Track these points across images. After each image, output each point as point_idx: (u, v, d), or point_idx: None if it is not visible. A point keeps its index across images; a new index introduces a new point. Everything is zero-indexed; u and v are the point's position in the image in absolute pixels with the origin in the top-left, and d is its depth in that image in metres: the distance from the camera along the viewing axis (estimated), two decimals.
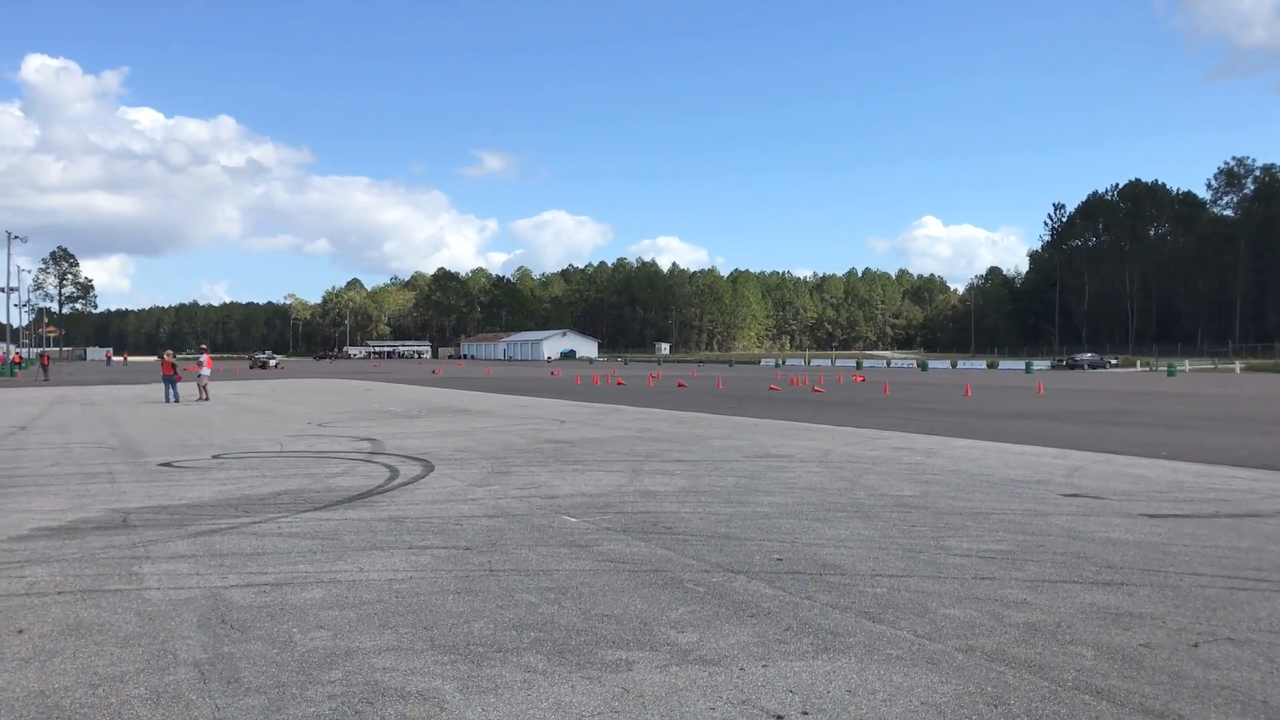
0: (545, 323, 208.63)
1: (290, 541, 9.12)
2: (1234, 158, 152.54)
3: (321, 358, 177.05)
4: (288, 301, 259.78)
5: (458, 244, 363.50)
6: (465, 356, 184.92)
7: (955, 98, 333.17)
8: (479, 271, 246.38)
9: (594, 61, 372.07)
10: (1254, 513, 10.61)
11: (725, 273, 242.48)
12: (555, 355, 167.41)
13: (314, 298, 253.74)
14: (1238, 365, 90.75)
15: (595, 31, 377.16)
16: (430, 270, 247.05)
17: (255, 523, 10.13)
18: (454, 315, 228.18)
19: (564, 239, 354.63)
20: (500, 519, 10.23)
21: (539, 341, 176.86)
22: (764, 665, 5.51)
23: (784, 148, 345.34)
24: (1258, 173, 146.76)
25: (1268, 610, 6.59)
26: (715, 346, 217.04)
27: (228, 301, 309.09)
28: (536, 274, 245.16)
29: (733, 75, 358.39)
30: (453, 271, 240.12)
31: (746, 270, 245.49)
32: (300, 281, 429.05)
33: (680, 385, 49.06)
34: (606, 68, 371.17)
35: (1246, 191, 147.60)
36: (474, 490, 12.36)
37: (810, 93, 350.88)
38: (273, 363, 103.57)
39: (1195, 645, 5.81)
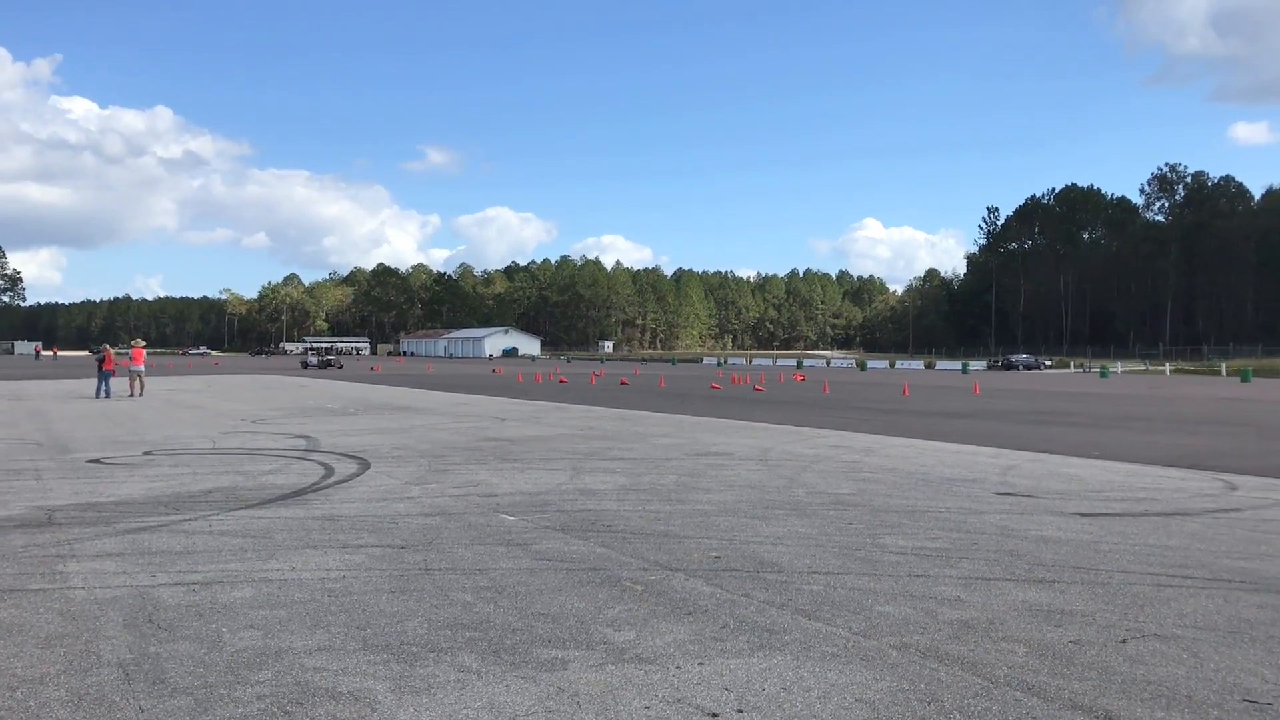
0: (487, 320, 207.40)
1: (221, 540, 8.95)
2: (1166, 164, 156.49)
3: (257, 354, 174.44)
4: (224, 296, 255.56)
5: (399, 239, 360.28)
6: (405, 353, 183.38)
7: (897, 103, 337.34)
8: (420, 267, 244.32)
9: (540, 58, 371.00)
10: (1181, 511, 10.83)
11: (669, 272, 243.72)
12: (497, 353, 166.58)
13: (251, 293, 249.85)
14: (1168, 367, 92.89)
15: (541, 27, 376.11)
16: (371, 266, 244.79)
17: (185, 520, 9.92)
18: (394, 312, 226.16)
19: (508, 236, 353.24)
20: (437, 517, 10.12)
21: (481, 339, 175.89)
22: (700, 663, 5.50)
23: (728, 148, 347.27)
24: (1189, 179, 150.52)
25: (1193, 607, 6.71)
26: (658, 345, 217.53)
27: (162, 296, 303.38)
28: (479, 271, 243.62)
29: (677, 75, 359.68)
30: (393, 267, 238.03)
31: (690, 269, 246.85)
32: (237, 276, 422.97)
33: (623, 383, 49.07)
34: (552, 64, 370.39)
35: (1178, 198, 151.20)
36: (411, 488, 12.22)
37: (754, 94, 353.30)
38: (332, 360, 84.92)
39: (1123, 641, 5.90)
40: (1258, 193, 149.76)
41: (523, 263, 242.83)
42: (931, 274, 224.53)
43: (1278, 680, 5.22)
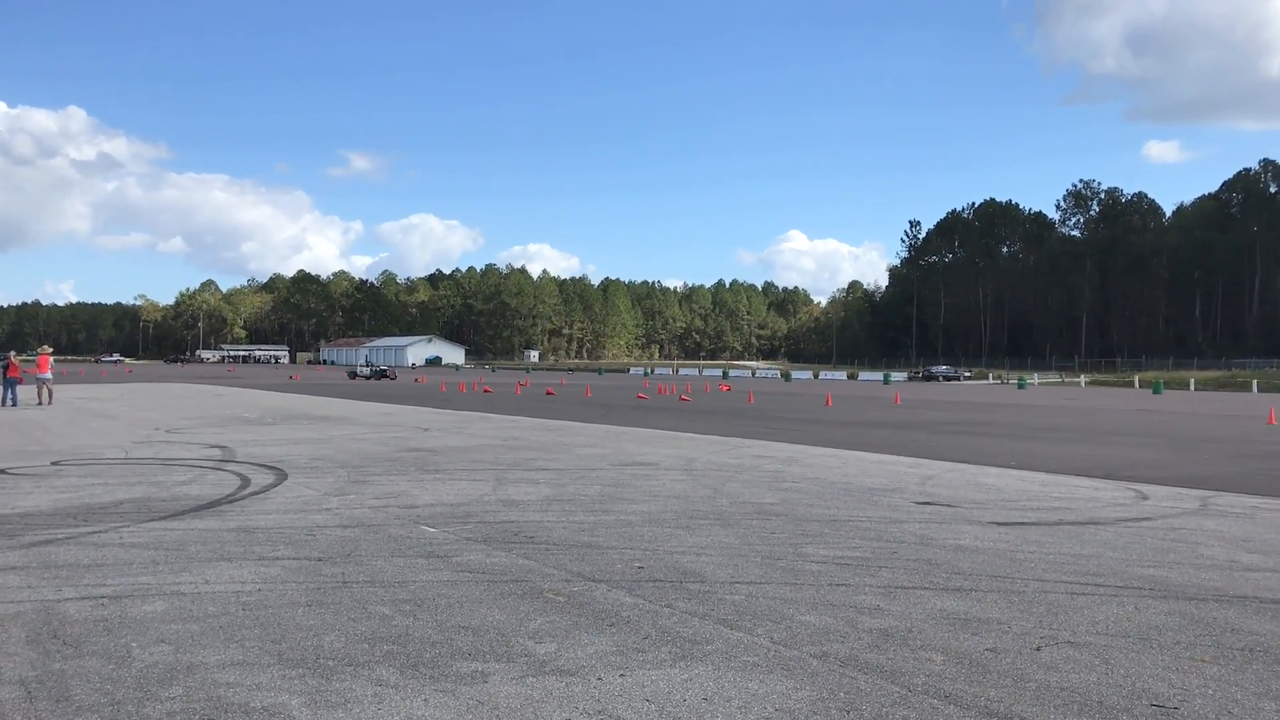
0: (410, 328, 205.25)
1: (132, 552, 8.70)
2: (1081, 180, 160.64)
3: (172, 361, 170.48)
4: (138, 302, 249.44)
5: (321, 246, 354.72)
6: (325, 362, 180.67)
7: (822, 117, 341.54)
8: (341, 274, 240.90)
9: (468, 66, 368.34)
10: (1095, 520, 11.08)
11: (596, 281, 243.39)
12: (420, 362, 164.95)
13: (166, 299, 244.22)
14: (1083, 379, 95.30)
15: (469, 37, 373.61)
16: (291, 273, 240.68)
17: (94, 533, 9.63)
18: (314, 319, 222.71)
19: (433, 243, 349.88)
20: (356, 529, 9.96)
21: (403, 347, 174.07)
22: (622, 675, 5.47)
23: (657, 159, 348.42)
24: (1103, 195, 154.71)
25: (1105, 614, 6.86)
26: (585, 355, 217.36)
27: (74, 301, 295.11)
28: (403, 278, 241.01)
29: (607, 91, 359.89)
30: (314, 274, 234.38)
31: (617, 279, 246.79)
32: (153, 282, 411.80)
33: (549, 393, 48.91)
34: (480, 73, 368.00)
35: (1093, 213, 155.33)
36: (329, 500, 12.02)
37: (683, 110, 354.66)
38: (386, 371, 76.06)
39: (1038, 649, 6.00)
40: (1169, 209, 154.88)
41: (447, 270, 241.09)
42: (855, 286, 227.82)
43: (1184, 685, 5.34)
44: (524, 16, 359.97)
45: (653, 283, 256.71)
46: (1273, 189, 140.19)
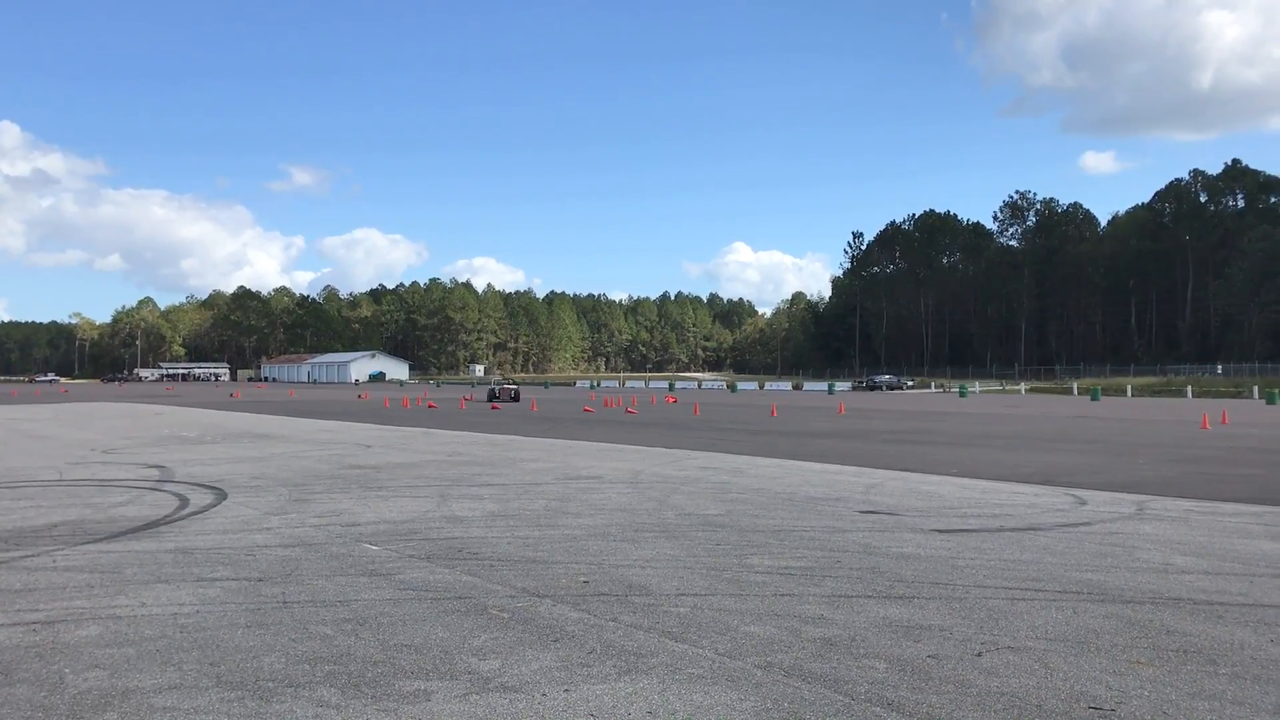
0: (353, 344, 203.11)
1: (66, 576, 8.50)
2: (1018, 191, 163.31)
3: (109, 380, 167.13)
4: (74, 321, 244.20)
5: (262, 262, 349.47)
6: (266, 379, 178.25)
7: (766, 130, 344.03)
8: (282, 290, 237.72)
9: (411, 79, 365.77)
10: (1034, 526, 11.24)
11: (541, 294, 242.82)
12: (364, 378, 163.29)
13: (103, 317, 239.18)
14: (1023, 386, 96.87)
15: (410, 50, 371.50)
16: (231, 289, 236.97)
17: (27, 556, 9.40)
18: (255, 336, 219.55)
19: (376, 258, 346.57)
20: (297, 548, 9.82)
21: (346, 363, 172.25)
22: (566, 690, 5.44)
23: (602, 173, 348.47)
24: (1039, 206, 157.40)
25: (1044, 619, 6.95)
26: (531, 368, 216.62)
27: (7, 320, 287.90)
28: (345, 293, 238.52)
29: (550, 106, 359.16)
30: (254, 290, 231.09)
31: (563, 292, 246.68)
32: (90, 300, 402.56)
33: (494, 408, 48.65)
34: (424, 85, 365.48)
35: (1029, 223, 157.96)
36: (270, 519, 11.84)
37: (626, 125, 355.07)
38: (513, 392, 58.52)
39: (979, 654, 6.06)
40: (1104, 219, 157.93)
41: (391, 285, 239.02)
42: (798, 297, 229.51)
43: (1121, 687, 5.43)
44: (467, 30, 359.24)
45: (598, 295, 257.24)
46: (1203, 199, 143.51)
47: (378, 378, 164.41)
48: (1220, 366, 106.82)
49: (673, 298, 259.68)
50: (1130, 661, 5.92)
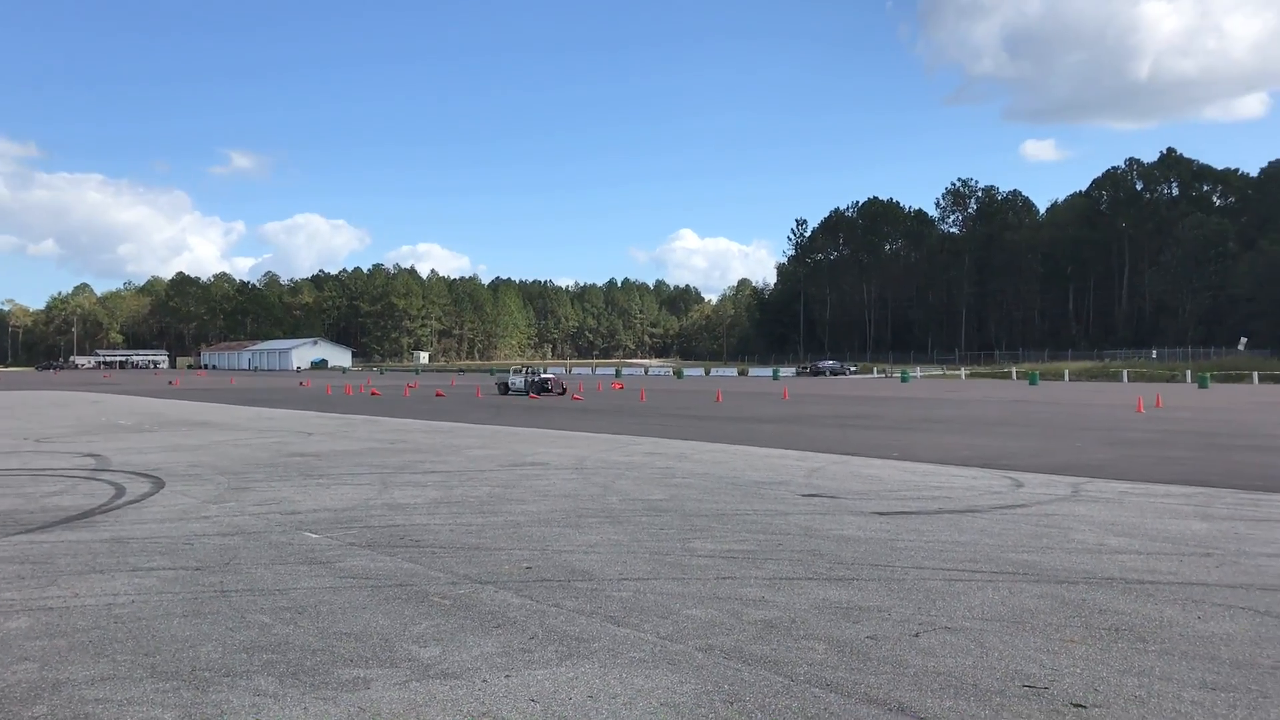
0: (295, 331, 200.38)
1: None
2: (959, 179, 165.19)
3: (45, 368, 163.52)
4: (6, 307, 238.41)
5: (201, 247, 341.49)
6: (206, 366, 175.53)
7: (713, 117, 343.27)
8: (222, 276, 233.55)
9: (354, 62, 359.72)
10: (972, 508, 11.41)
11: (487, 280, 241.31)
12: (306, 365, 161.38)
13: (38, 303, 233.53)
14: (963, 371, 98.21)
15: (352, 38, 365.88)
16: (170, 275, 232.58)
17: None
18: (194, 323, 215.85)
19: (318, 243, 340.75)
20: (236, 537, 9.69)
21: (288, 350, 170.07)
22: (507, 675, 5.43)
23: (547, 159, 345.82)
24: (980, 193, 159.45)
25: (980, 599, 7.06)
26: (476, 355, 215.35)
27: None
28: (286, 280, 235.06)
29: (497, 92, 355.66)
30: (193, 276, 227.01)
31: (508, 278, 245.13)
32: (23, 286, 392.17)
33: (438, 395, 48.35)
34: (367, 69, 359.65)
35: (970, 211, 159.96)
36: (208, 508, 11.67)
37: (573, 111, 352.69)
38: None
39: (916, 635, 6.14)
40: (1044, 206, 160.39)
41: (333, 271, 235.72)
42: (744, 284, 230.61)
43: (1054, 665, 5.53)
44: (411, 18, 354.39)
45: (544, 282, 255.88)
46: (1139, 187, 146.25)
47: (320, 365, 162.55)
48: (1155, 351, 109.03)
49: (619, 284, 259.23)
50: (1063, 640, 6.03)
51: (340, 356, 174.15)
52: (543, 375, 49.71)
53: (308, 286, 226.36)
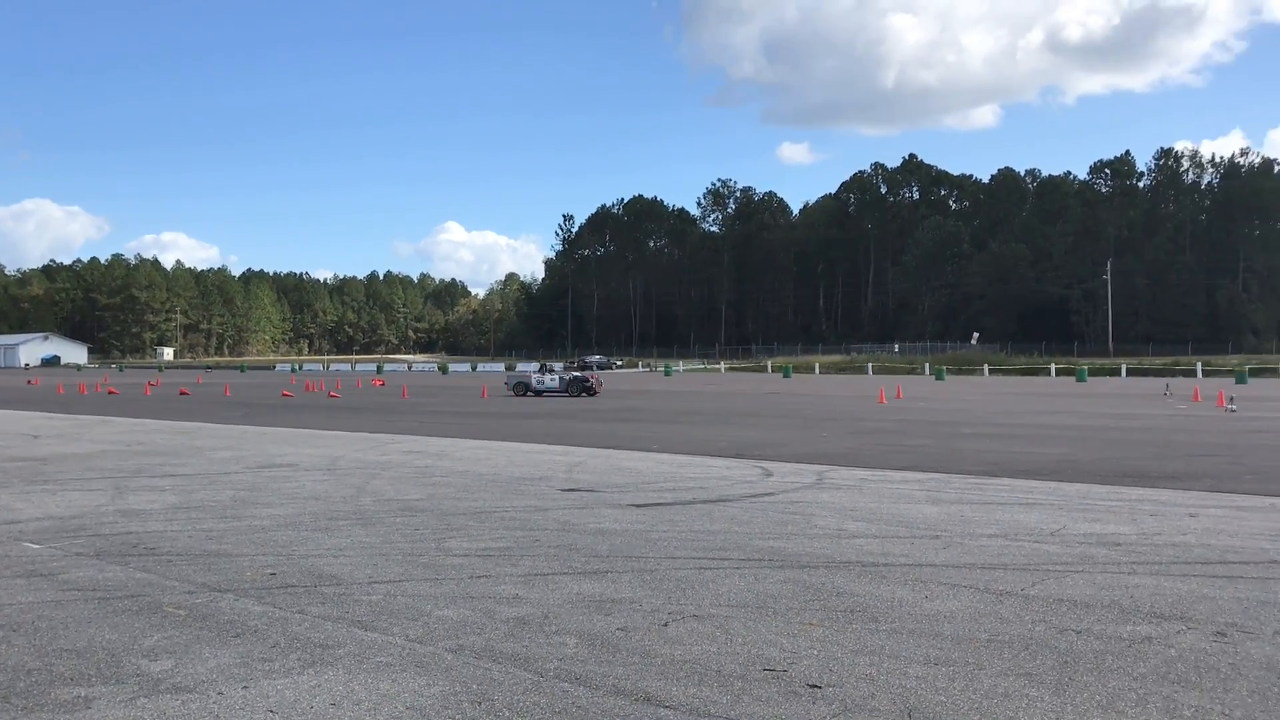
0: (23, 325, 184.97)
1: None
2: (719, 179, 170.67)
3: None
4: None
5: None
6: None
7: (479, 107, 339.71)
8: None
9: (91, 36, 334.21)
10: (724, 498, 11.78)
11: (238, 272, 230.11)
12: (35, 362, 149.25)
13: None
14: (723, 365, 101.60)
15: (93, 6, 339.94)
16: None
17: None
18: None
19: (49, 232, 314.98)
20: None
21: (14, 346, 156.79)
22: (245, 687, 5.17)
23: (306, 146, 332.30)
24: (738, 194, 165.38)
25: (728, 586, 7.28)
26: (226, 351, 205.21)
27: None
28: (13, 270, 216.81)
29: (250, 79, 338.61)
30: None
31: (262, 270, 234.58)
32: None
33: (183, 393, 45.78)
34: (106, 45, 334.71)
35: (730, 210, 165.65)
36: None
37: (332, 103, 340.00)
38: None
39: (665, 624, 6.27)
40: (797, 207, 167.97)
41: (67, 261, 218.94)
42: (512, 278, 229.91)
43: (794, 648, 5.76)
44: (170, 7, 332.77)
45: (301, 274, 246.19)
46: (883, 190, 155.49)
47: (52, 362, 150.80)
48: (897, 346, 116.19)
49: (382, 277, 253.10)
50: (803, 623, 6.30)
51: (75, 353, 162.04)
52: (583, 371, 44.03)
53: (38, 277, 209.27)
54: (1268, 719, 4.63)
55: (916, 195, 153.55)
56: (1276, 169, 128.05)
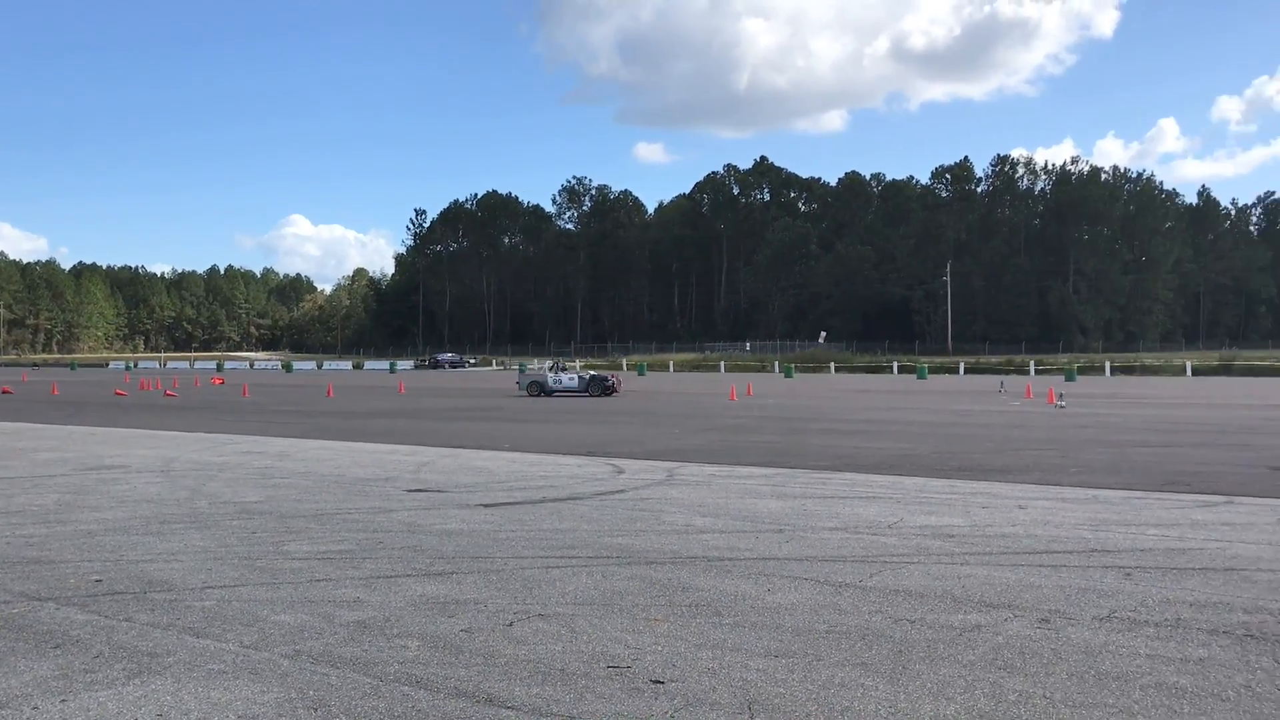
0: None
1: None
2: (575, 177, 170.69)
3: None
4: None
5: None
6: None
7: (327, 96, 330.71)
8: None
9: None
10: (575, 495, 11.78)
11: (68, 265, 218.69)
12: None
13: None
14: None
15: None
16: None
17: None
18: None
19: None
20: None
21: None
22: (63, 700, 4.90)
23: (140, 137, 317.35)
24: (594, 192, 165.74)
25: (575, 585, 7.27)
26: (55, 348, 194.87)
27: None
28: None
29: (87, 58, 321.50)
30: None
31: (94, 263, 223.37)
32: None
33: (5, 391, 43.33)
34: None
35: (585, 208, 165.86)
36: None
37: (173, 97, 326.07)
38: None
39: (510, 624, 6.21)
40: (652, 207, 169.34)
41: None
42: (361, 273, 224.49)
43: (638, 644, 5.79)
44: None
45: (136, 268, 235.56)
46: (736, 191, 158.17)
47: None
48: (749, 344, 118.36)
49: (223, 272, 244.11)
50: (648, 619, 6.33)
51: None
52: (594, 372, 42.95)
53: None
54: (1084, 700, 4.87)
55: (768, 197, 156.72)
56: (1103, 177, 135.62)
